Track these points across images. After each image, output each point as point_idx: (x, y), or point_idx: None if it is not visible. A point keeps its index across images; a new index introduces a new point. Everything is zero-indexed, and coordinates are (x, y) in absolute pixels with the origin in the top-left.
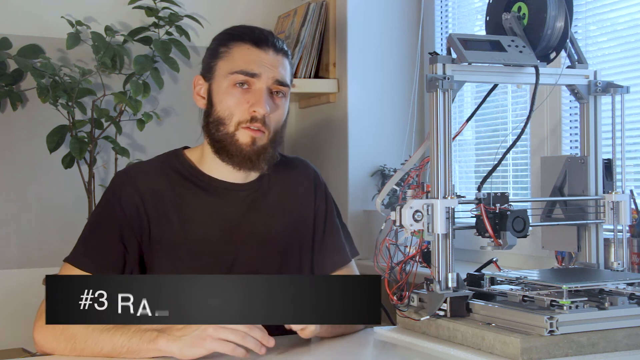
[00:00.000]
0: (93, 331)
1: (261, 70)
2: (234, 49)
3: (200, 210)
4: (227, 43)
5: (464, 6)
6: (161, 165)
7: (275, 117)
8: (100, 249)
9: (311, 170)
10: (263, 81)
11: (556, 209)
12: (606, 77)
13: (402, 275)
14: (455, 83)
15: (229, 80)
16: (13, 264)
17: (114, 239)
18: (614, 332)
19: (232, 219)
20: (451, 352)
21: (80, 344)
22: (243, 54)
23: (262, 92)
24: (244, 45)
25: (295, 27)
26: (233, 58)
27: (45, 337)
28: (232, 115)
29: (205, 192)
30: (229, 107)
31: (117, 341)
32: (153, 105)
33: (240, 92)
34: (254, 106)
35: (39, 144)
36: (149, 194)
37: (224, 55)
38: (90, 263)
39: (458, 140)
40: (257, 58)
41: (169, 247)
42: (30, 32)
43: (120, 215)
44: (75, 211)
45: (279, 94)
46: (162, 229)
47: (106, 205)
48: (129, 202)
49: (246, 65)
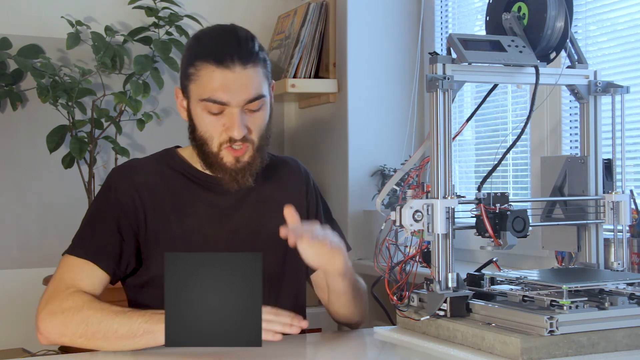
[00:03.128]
0: (108, 314)
1: (228, 97)
2: (200, 70)
3: (195, 205)
4: (194, 62)
5: (464, 6)
6: (155, 162)
7: (256, 129)
8: (97, 239)
9: (302, 168)
10: (234, 106)
11: (556, 209)
12: (606, 77)
13: (402, 275)
14: (455, 83)
15: (201, 106)
16: (13, 264)
17: (111, 229)
18: (614, 332)
19: (227, 213)
20: (451, 352)
21: (92, 327)
22: (209, 77)
23: (235, 117)
24: (209, 67)
25: (295, 27)
26: (201, 82)
27: (53, 324)
28: (212, 138)
29: (200, 187)
30: (208, 130)
31: (134, 323)
32: (153, 105)
33: (214, 118)
34: (229, 130)
35: (39, 144)
36: (145, 188)
37: (193, 78)
38: (88, 252)
39: (458, 140)
40: (224, 82)
41: (165, 240)
42: (30, 32)
43: (116, 207)
44: (75, 211)
45: (256, 108)
46: (158, 222)
47: (103, 198)
48: (126, 194)
49: (213, 93)
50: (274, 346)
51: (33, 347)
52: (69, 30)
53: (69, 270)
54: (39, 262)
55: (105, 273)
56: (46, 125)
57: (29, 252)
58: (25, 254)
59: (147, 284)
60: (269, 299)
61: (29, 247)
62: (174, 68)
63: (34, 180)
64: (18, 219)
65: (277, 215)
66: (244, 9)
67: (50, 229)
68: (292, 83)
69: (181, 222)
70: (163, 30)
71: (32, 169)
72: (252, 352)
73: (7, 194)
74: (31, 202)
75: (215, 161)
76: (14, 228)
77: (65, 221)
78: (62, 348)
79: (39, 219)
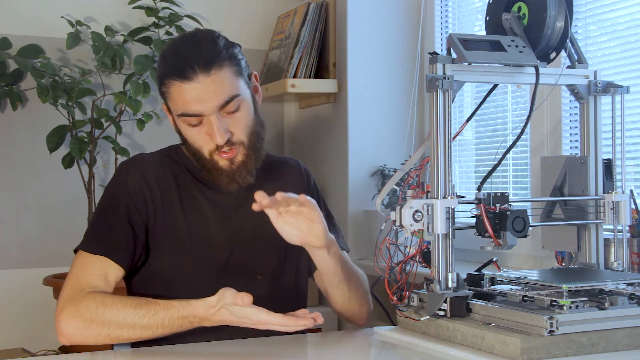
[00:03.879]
0: (124, 319)
1: (200, 107)
2: (170, 88)
3: (201, 201)
4: (163, 81)
5: (464, 6)
6: (163, 156)
7: (240, 129)
8: (110, 233)
9: (302, 168)
10: (209, 114)
11: (556, 209)
12: (606, 77)
13: (402, 275)
14: (455, 83)
15: (180, 121)
16: (13, 264)
17: (122, 222)
18: (614, 332)
19: (228, 212)
20: (451, 352)
21: (115, 331)
22: (179, 93)
23: (213, 124)
24: (175, 83)
25: (295, 27)
26: (173, 99)
27: (74, 325)
28: (202, 147)
29: (204, 184)
30: (195, 141)
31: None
32: (153, 105)
33: (196, 129)
34: (212, 138)
35: (39, 144)
36: (154, 181)
37: (167, 96)
38: (101, 247)
39: (458, 140)
40: (191, 95)
41: (171, 234)
42: (30, 32)
43: (127, 199)
44: (75, 211)
45: (233, 109)
46: (166, 216)
47: (113, 190)
48: (136, 187)
49: (184, 107)
50: (275, 346)
51: (33, 347)
52: (69, 30)
53: (83, 269)
54: (39, 262)
55: (120, 267)
56: (46, 125)
57: (29, 252)
58: (25, 254)
59: (149, 279)
60: (270, 300)
61: (29, 247)
62: None
63: (34, 180)
64: (18, 219)
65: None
66: (244, 9)
67: (50, 229)
68: (292, 83)
69: (187, 218)
70: (163, 30)
71: (32, 169)
72: (253, 352)
73: (7, 194)
74: (31, 202)
75: (211, 166)
76: (14, 228)
77: (65, 221)
78: (62, 348)
79: (39, 219)
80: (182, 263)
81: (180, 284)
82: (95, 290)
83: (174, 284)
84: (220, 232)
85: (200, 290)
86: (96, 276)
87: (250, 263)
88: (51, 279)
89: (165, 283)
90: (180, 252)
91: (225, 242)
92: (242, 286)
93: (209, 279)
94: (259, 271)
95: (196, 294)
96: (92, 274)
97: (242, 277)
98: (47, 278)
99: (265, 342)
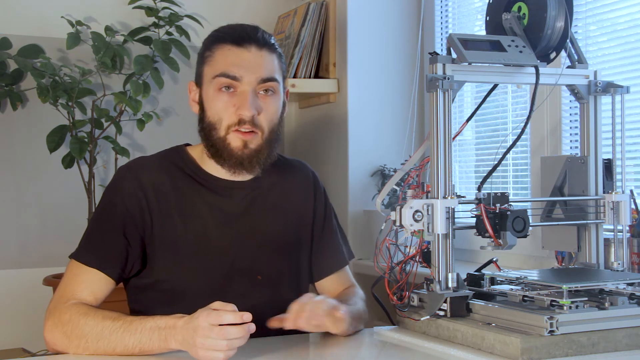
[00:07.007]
0: (102, 330)
1: (242, 72)
2: (216, 52)
3: (201, 207)
4: (211, 46)
5: (464, 6)
6: (163, 160)
7: (267, 115)
8: (103, 244)
9: (311, 172)
10: (246, 83)
11: (556, 209)
12: (606, 77)
13: (402, 275)
14: (455, 83)
15: (214, 84)
16: (13, 264)
17: (116, 233)
18: (614, 332)
19: (232, 216)
20: (451, 352)
21: (92, 344)
22: (225, 55)
23: (247, 95)
24: (225, 47)
25: (295, 27)
26: (216, 61)
27: (56, 336)
28: (221, 120)
29: (206, 189)
30: (218, 111)
31: (128, 342)
32: (153, 105)
33: (226, 96)
34: (239, 109)
35: (39, 144)
36: (152, 188)
37: (208, 60)
38: (93, 258)
39: (458, 140)
40: (238, 59)
41: (170, 242)
42: (30, 32)
43: (123, 210)
44: (75, 211)
45: (268, 92)
46: (164, 224)
47: (109, 200)
48: (132, 196)
49: (226, 67)
50: (275, 346)
51: (33, 347)
52: (69, 30)
53: (73, 279)
54: (39, 262)
55: (110, 279)
56: (46, 125)
57: (29, 252)
58: (25, 254)
59: (149, 286)
60: (272, 304)
61: (29, 247)
62: (174, 68)
63: (34, 180)
64: (18, 219)
65: (283, 220)
66: (244, 9)
67: (50, 229)
68: (292, 83)
69: (186, 224)
70: (163, 30)
71: (32, 169)
72: (253, 352)
73: (7, 194)
74: (31, 202)
75: (222, 146)
76: (14, 228)
77: (65, 221)
78: None
79: (39, 219)
80: (180, 271)
81: (179, 292)
82: (80, 302)
83: (173, 291)
84: (223, 238)
85: (201, 298)
86: (84, 288)
87: (253, 265)
88: (51, 279)
89: (165, 290)
90: (179, 260)
91: (228, 247)
92: (245, 291)
93: (210, 286)
94: (260, 274)
95: (196, 302)
96: (80, 285)
97: (245, 282)
98: (47, 278)
99: (265, 342)
